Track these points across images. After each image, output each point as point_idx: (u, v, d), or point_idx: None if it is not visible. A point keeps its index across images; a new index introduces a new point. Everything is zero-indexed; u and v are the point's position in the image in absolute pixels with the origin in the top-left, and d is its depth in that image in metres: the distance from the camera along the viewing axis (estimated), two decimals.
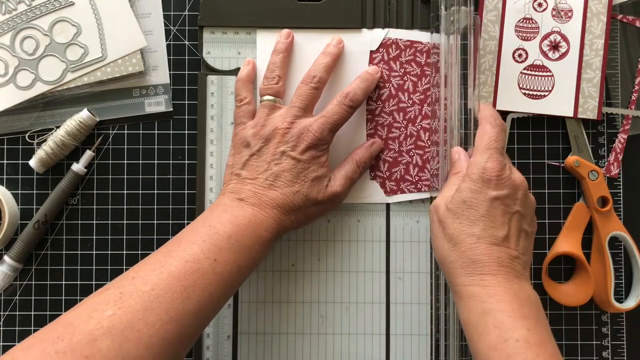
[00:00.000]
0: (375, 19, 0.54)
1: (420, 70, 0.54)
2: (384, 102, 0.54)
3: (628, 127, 0.56)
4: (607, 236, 0.54)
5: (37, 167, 0.54)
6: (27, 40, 0.54)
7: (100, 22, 0.54)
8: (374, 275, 0.54)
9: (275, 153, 0.48)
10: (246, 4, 0.54)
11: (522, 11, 0.54)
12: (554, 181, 0.55)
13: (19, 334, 0.55)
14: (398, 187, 0.54)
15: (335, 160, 0.52)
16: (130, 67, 0.55)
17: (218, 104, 0.54)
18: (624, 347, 0.55)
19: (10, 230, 0.54)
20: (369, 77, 0.52)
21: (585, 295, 0.53)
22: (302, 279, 0.54)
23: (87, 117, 0.53)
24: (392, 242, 0.54)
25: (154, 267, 0.42)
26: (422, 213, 0.54)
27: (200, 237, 0.44)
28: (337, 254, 0.54)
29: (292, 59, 0.53)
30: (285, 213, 0.47)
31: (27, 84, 0.54)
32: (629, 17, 0.56)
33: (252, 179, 0.48)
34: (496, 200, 0.44)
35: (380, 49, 0.54)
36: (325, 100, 0.52)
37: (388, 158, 0.54)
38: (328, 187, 0.49)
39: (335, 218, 0.54)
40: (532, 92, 0.54)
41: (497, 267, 0.43)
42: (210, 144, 0.54)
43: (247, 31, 0.54)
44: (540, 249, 0.55)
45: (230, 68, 0.55)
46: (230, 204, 0.47)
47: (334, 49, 0.52)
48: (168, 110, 0.56)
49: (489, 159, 0.45)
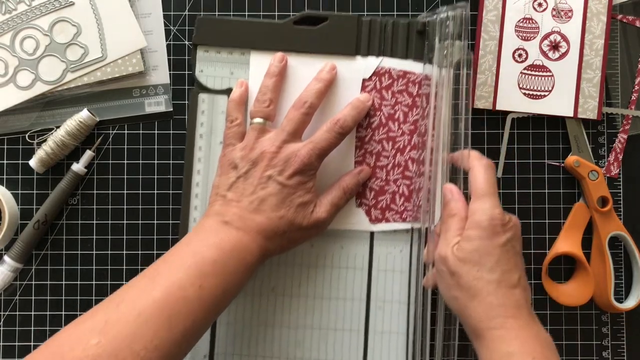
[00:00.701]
0: (369, 47, 0.54)
1: (411, 101, 0.53)
2: (374, 130, 0.53)
3: (628, 127, 0.56)
4: (607, 236, 0.54)
5: (37, 167, 0.54)
6: (27, 40, 0.54)
7: (100, 22, 0.54)
8: (354, 303, 0.53)
9: (262, 177, 0.48)
10: (241, 25, 0.54)
11: (522, 11, 0.54)
12: (554, 181, 0.55)
13: (19, 334, 0.55)
14: (383, 215, 0.54)
15: (323, 185, 0.52)
16: (130, 67, 0.55)
17: (208, 123, 0.54)
18: (624, 347, 0.55)
19: (10, 230, 0.54)
20: (360, 105, 0.52)
21: (585, 295, 0.53)
22: (282, 302, 0.53)
23: (87, 117, 0.53)
24: (374, 270, 0.54)
25: (139, 293, 0.42)
26: (406, 243, 0.54)
27: (185, 263, 0.43)
28: (319, 279, 0.54)
29: (284, 82, 0.53)
30: (270, 238, 0.47)
31: (27, 84, 0.54)
32: (629, 17, 0.56)
33: (238, 201, 0.48)
34: (507, 243, 0.45)
35: (373, 77, 0.54)
36: (316, 125, 0.51)
37: (375, 186, 0.54)
38: (313, 213, 0.49)
39: (318, 243, 0.54)
40: (532, 92, 0.54)
41: (518, 310, 0.44)
42: (198, 162, 0.54)
43: (241, 51, 0.54)
44: (540, 249, 0.55)
45: (222, 87, 0.54)
46: (215, 226, 0.47)
47: (327, 75, 0.52)
48: (168, 110, 0.56)
49: (494, 206, 0.45)
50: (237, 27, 0.54)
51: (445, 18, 0.51)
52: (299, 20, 0.54)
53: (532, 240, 0.55)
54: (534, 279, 0.55)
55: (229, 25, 0.54)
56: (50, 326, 0.55)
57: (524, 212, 0.55)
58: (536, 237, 0.55)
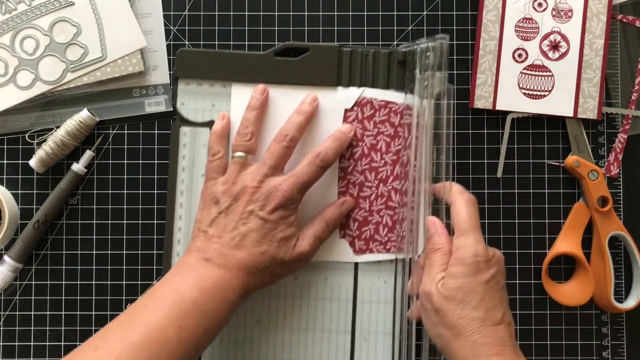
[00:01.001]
0: (351, 78, 0.53)
1: (393, 131, 0.53)
2: (357, 161, 0.53)
3: (628, 127, 0.56)
4: (607, 236, 0.54)
5: (37, 167, 0.54)
6: (27, 40, 0.54)
7: (100, 22, 0.54)
8: (339, 335, 0.53)
9: (244, 212, 0.48)
10: (222, 56, 0.54)
11: (522, 11, 0.54)
12: (554, 181, 0.55)
13: (19, 334, 0.55)
14: (367, 246, 0.53)
15: (306, 217, 0.52)
16: (130, 67, 0.55)
17: (190, 156, 0.54)
18: (624, 347, 0.55)
19: (10, 230, 0.54)
20: (341, 137, 0.52)
21: (585, 295, 0.53)
22: (267, 336, 0.53)
23: (87, 117, 0.53)
24: (358, 302, 0.53)
25: (118, 336, 0.41)
26: (390, 274, 0.53)
27: (165, 303, 0.43)
28: (303, 311, 0.53)
29: (266, 114, 0.53)
30: (252, 273, 0.47)
31: (27, 84, 0.54)
32: (629, 17, 0.56)
33: (219, 237, 0.47)
34: (491, 280, 0.45)
35: (355, 108, 0.53)
36: (298, 157, 0.51)
37: (358, 217, 0.53)
38: (296, 247, 0.49)
39: (302, 275, 0.53)
40: (532, 92, 0.54)
41: (503, 347, 0.44)
42: (180, 195, 0.54)
43: (223, 84, 0.54)
44: (540, 249, 0.55)
45: (203, 120, 0.54)
46: (197, 264, 0.46)
47: (308, 107, 0.52)
48: (168, 110, 0.56)
49: (477, 242, 0.46)
50: (218, 59, 0.54)
51: (425, 49, 0.51)
52: (280, 52, 0.54)
53: (532, 240, 0.55)
54: (534, 279, 0.55)
55: (210, 57, 0.54)
56: (50, 326, 0.55)
57: (524, 212, 0.55)
58: (536, 237, 0.55)
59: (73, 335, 0.55)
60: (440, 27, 0.56)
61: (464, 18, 0.56)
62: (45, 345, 0.55)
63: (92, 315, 0.55)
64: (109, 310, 0.55)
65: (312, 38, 0.56)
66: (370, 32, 0.56)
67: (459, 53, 0.56)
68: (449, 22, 0.56)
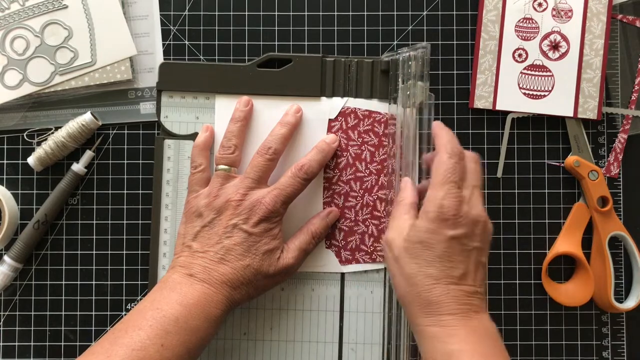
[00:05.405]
0: (334, 88, 0.54)
1: (377, 141, 0.53)
2: (341, 171, 0.53)
3: (628, 127, 0.56)
4: (607, 236, 0.54)
5: (35, 165, 0.54)
6: (18, 40, 0.54)
7: (92, 28, 0.54)
8: (326, 346, 0.53)
9: (227, 226, 0.47)
10: (205, 69, 0.54)
11: (522, 11, 0.54)
12: (554, 181, 0.55)
13: (19, 334, 0.55)
14: (353, 256, 0.53)
15: (292, 227, 0.52)
16: (118, 74, 0.54)
17: (174, 169, 0.54)
18: (624, 347, 0.55)
19: (10, 230, 0.54)
20: (325, 148, 0.52)
21: (585, 295, 0.53)
22: (254, 347, 0.53)
23: (90, 120, 0.53)
24: (345, 312, 0.53)
25: (101, 357, 0.41)
26: (377, 283, 0.53)
27: (147, 322, 0.43)
28: (290, 323, 0.53)
29: (250, 126, 0.53)
30: (236, 287, 0.47)
31: (15, 83, 0.54)
32: (629, 17, 0.56)
33: (203, 252, 0.47)
34: (453, 239, 0.43)
35: (339, 118, 0.53)
36: (282, 167, 0.51)
37: (344, 227, 0.53)
38: (280, 259, 0.49)
39: (289, 286, 0.54)
40: (532, 92, 0.54)
41: (456, 305, 0.43)
42: (166, 209, 0.54)
43: (206, 96, 0.54)
44: (540, 249, 0.55)
45: (187, 132, 0.54)
46: (180, 280, 0.46)
47: (292, 119, 0.52)
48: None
49: (445, 196, 0.44)
50: (201, 72, 0.54)
51: (407, 58, 0.51)
52: (263, 63, 0.54)
53: (532, 240, 0.55)
54: (534, 279, 0.55)
55: (193, 69, 0.54)
56: (50, 326, 0.55)
57: (524, 212, 0.55)
58: (536, 237, 0.55)
59: (73, 335, 0.55)
60: (440, 27, 0.56)
61: (464, 18, 0.56)
62: (45, 345, 0.55)
63: (92, 315, 0.55)
64: (109, 310, 0.55)
65: (312, 38, 0.56)
66: (370, 32, 0.56)
67: (459, 53, 0.56)
68: (449, 22, 0.56)
